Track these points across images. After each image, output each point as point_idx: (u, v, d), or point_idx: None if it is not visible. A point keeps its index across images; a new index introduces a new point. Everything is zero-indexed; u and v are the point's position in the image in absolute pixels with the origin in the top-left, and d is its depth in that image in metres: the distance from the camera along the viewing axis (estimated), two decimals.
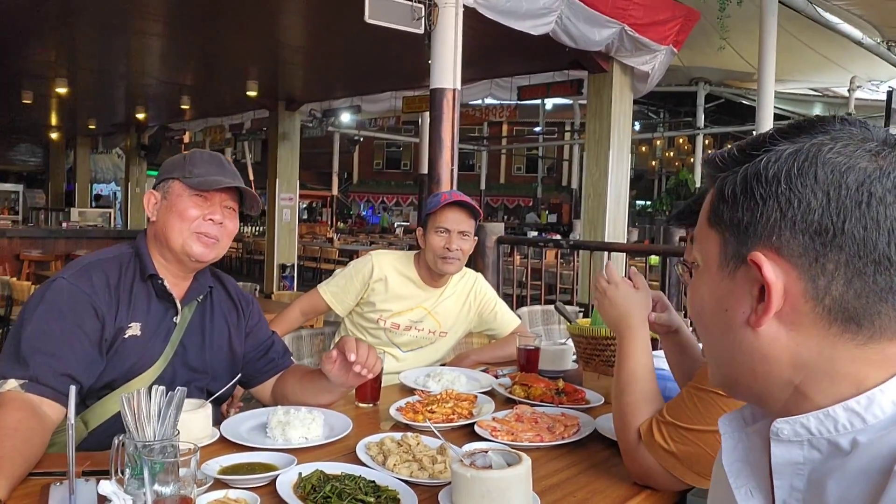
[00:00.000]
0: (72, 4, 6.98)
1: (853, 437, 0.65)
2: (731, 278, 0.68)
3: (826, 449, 0.66)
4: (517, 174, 31.93)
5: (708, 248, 0.70)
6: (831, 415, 0.65)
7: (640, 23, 6.68)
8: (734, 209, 0.68)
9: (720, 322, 0.70)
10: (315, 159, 23.65)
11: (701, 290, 0.72)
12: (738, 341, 0.69)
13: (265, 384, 1.96)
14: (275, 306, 5.04)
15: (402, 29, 4.41)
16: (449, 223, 2.49)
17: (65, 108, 13.56)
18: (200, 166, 1.76)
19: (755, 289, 0.66)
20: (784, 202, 0.64)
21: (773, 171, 0.65)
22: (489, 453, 1.25)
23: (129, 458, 1.19)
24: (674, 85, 14.77)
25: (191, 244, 1.71)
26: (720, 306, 0.70)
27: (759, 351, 0.68)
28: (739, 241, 0.67)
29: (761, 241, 0.66)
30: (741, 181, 0.67)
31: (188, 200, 1.73)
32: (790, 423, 0.67)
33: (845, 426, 0.65)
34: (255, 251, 15.13)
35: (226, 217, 1.77)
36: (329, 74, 10.27)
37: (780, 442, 0.69)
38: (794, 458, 0.68)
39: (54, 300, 1.60)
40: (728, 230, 0.68)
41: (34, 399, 1.45)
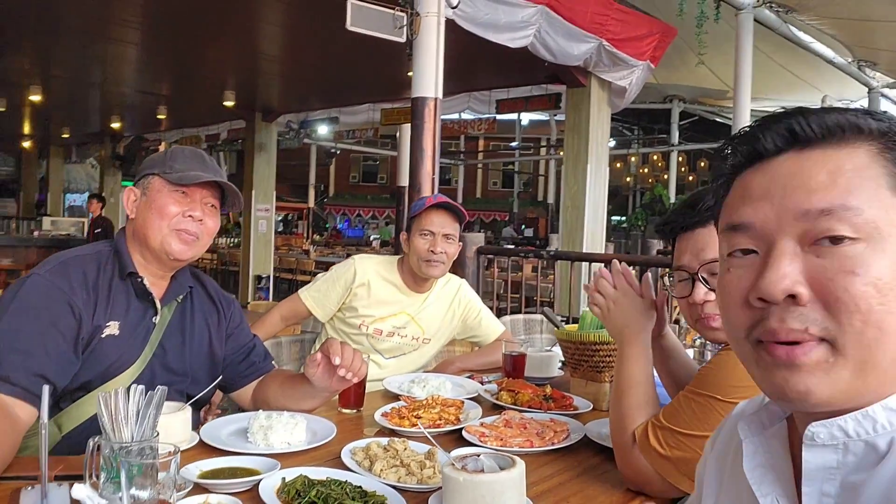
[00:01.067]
0: (48, 11, 6.86)
1: (891, 437, 0.62)
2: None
3: (862, 451, 0.63)
4: (493, 189, 32.02)
5: (893, 218, 0.61)
6: (870, 415, 0.62)
7: (618, 38, 6.74)
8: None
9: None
10: (291, 172, 23.52)
11: (882, 268, 0.60)
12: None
13: (246, 388, 1.90)
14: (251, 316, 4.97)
15: (384, 37, 4.39)
16: (433, 226, 2.45)
17: (38, 116, 13.35)
18: (181, 161, 1.71)
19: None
20: None
21: None
22: (481, 457, 1.21)
23: (104, 461, 1.13)
24: (648, 102, 14.94)
25: (170, 242, 1.66)
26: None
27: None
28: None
29: None
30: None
31: (168, 196, 1.68)
32: (827, 426, 0.64)
33: (884, 426, 0.62)
34: (230, 262, 14.94)
35: (206, 214, 1.72)
36: (307, 85, 10.23)
37: (813, 447, 0.65)
38: (827, 462, 0.65)
39: (29, 297, 1.53)
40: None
41: (6, 400, 1.39)
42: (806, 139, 0.65)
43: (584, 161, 7.53)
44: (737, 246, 0.67)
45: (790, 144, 0.66)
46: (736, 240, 0.67)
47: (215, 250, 16.45)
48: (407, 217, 2.61)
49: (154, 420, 1.19)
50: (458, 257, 5.04)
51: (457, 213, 2.50)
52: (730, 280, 0.67)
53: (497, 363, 2.34)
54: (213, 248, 17.03)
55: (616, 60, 7.00)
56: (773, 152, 0.67)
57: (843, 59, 8.77)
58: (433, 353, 2.66)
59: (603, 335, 1.94)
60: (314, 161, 22.03)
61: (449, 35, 5.04)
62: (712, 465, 0.82)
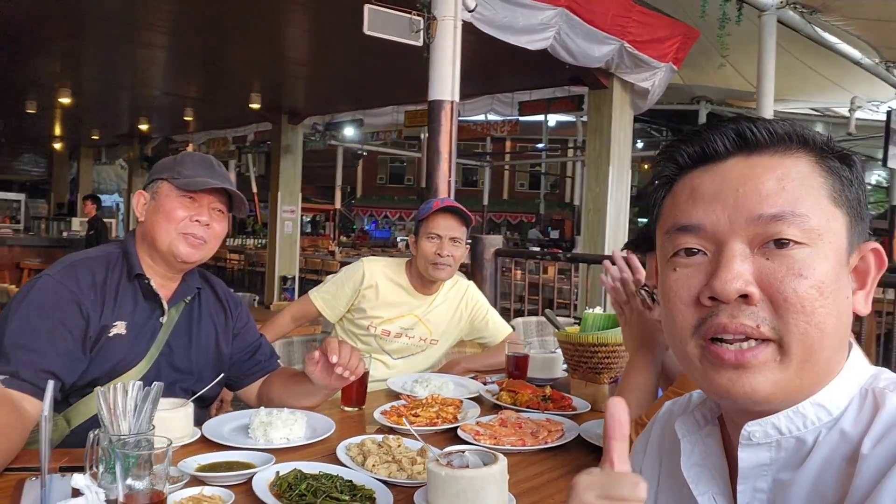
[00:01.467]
0: (79, 16, 7.03)
1: (819, 430, 0.66)
2: (847, 263, 0.67)
3: (793, 447, 0.67)
4: (520, 190, 31.99)
5: (834, 228, 0.66)
6: (801, 411, 0.66)
7: (640, 40, 6.72)
8: (854, 193, 0.67)
9: (842, 308, 0.66)
10: (319, 173, 23.71)
11: (825, 272, 0.64)
12: (846, 330, 0.67)
13: (251, 386, 1.95)
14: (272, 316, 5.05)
15: (401, 41, 4.43)
16: (440, 229, 2.49)
17: (69, 118, 13.63)
18: (189, 167, 1.77)
19: (853, 273, 0.68)
20: (863, 191, 0.68)
21: (859, 167, 0.69)
22: (466, 454, 1.24)
23: (103, 453, 1.19)
24: (676, 103, 14.82)
25: (177, 244, 1.71)
26: (843, 293, 0.66)
27: (846, 338, 0.68)
28: (860, 226, 0.68)
29: (865, 226, 0.68)
30: (851, 166, 0.68)
31: (175, 201, 1.74)
32: (761, 424, 0.67)
33: (813, 421, 0.66)
34: (257, 263, 15.14)
35: (213, 219, 1.77)
36: (332, 88, 10.33)
37: (749, 446, 0.68)
38: (761, 460, 0.68)
39: (39, 297, 1.60)
40: (851, 214, 0.67)
41: (14, 395, 1.45)
42: (755, 143, 0.68)
43: (607, 163, 7.51)
44: (682, 246, 0.69)
45: (739, 148, 0.69)
46: (683, 239, 0.69)
47: (243, 251, 16.69)
48: (416, 220, 2.65)
49: (150, 414, 1.24)
50: (476, 259, 5.09)
51: (463, 217, 2.53)
52: (676, 279, 0.69)
53: (502, 364, 2.37)
54: (241, 249, 17.29)
55: (638, 62, 6.98)
56: (722, 155, 0.69)
57: (870, 61, 8.63)
58: (441, 354, 2.69)
59: (601, 337, 1.96)
60: (341, 163, 22.18)
61: (470, 37, 5.07)
62: (650, 460, 0.85)
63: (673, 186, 0.73)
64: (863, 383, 0.68)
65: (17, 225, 14.68)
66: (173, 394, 1.73)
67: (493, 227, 29.27)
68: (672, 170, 0.73)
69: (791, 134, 0.68)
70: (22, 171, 22.26)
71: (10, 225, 14.32)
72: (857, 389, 0.67)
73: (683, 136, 0.73)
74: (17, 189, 20.11)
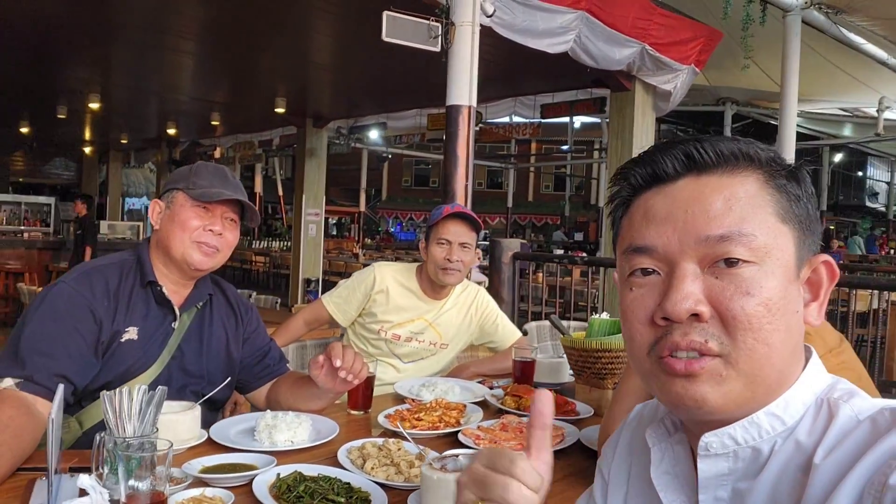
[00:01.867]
0: (109, 23, 7.18)
1: (775, 440, 0.68)
2: (798, 277, 0.69)
3: (749, 456, 0.69)
4: (545, 192, 31.89)
5: (782, 245, 0.68)
6: (755, 421, 0.68)
7: (661, 42, 6.69)
8: (802, 208, 0.70)
9: (791, 322, 0.68)
10: (344, 176, 23.89)
11: (772, 289, 0.66)
12: (797, 342, 0.70)
13: (260, 390, 2.00)
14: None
15: (419, 47, 4.47)
16: (450, 234, 2.52)
17: (98, 123, 13.90)
18: (204, 178, 1.82)
19: (806, 285, 0.71)
20: (813, 205, 0.71)
21: (808, 181, 0.71)
22: (460, 458, 1.26)
23: (108, 455, 1.23)
24: (701, 105, 14.70)
25: (191, 253, 1.76)
26: (792, 307, 0.68)
27: (798, 349, 0.70)
28: (810, 240, 0.70)
29: (816, 239, 0.71)
30: (800, 182, 0.70)
31: (190, 211, 1.78)
32: (718, 435, 0.69)
33: (768, 431, 0.68)
34: (281, 265, 15.30)
35: (226, 228, 1.82)
36: (356, 92, 10.42)
37: (707, 456, 0.70)
38: (720, 470, 0.70)
39: (54, 303, 1.66)
40: (800, 229, 0.69)
41: (28, 398, 1.51)
42: (703, 164, 0.70)
43: None
44: (637, 266, 0.72)
45: (688, 169, 0.71)
46: (637, 260, 0.72)
47: (268, 253, 16.86)
48: (427, 226, 2.68)
49: (154, 417, 1.28)
50: (494, 263, 5.11)
51: (473, 223, 2.56)
52: (633, 299, 0.72)
53: (510, 368, 2.39)
54: (266, 251, 17.47)
55: (660, 65, 6.95)
56: (672, 176, 0.72)
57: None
58: (451, 358, 2.72)
59: (605, 342, 1.97)
60: (365, 165, 22.31)
61: (491, 41, 5.10)
62: (619, 463, 0.87)
63: (629, 207, 0.75)
64: (818, 392, 0.69)
65: (47, 228, 14.98)
66: (184, 397, 1.78)
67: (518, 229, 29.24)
68: (627, 190, 0.76)
69: (738, 153, 0.70)
70: (53, 175, 22.74)
71: (40, 228, 14.61)
72: (812, 399, 0.69)
73: (636, 158, 0.75)
74: (48, 193, 20.53)
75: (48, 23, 7.14)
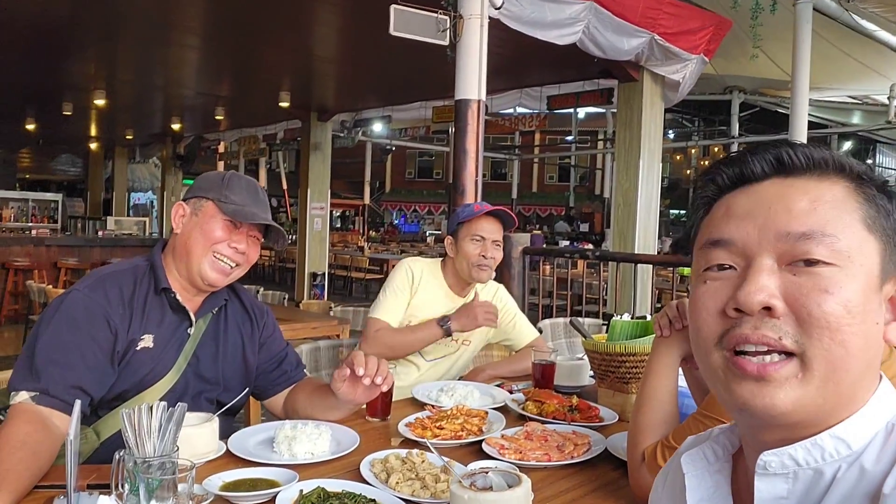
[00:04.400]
0: (112, 19, 7.14)
1: (838, 465, 0.64)
2: (881, 290, 0.66)
3: (810, 479, 0.65)
4: (550, 183, 31.80)
5: (867, 252, 0.65)
6: (818, 443, 0.65)
7: (670, 32, 6.62)
8: (892, 223, 0.67)
9: (870, 332, 0.65)
10: (347, 169, 23.83)
11: (853, 291, 0.63)
12: (875, 357, 0.66)
13: (277, 396, 1.97)
14: (302, 315, 5.08)
15: (427, 41, 4.41)
16: (485, 232, 2.52)
17: (103, 119, 13.87)
18: (238, 193, 1.76)
19: (888, 303, 0.67)
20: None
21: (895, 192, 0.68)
22: (490, 474, 1.23)
23: (128, 474, 1.20)
24: (708, 94, 14.60)
25: (207, 269, 1.72)
26: (872, 317, 0.65)
27: (874, 366, 0.67)
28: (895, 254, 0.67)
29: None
30: (891, 197, 0.68)
31: (219, 223, 1.74)
32: (778, 454, 0.66)
33: (832, 454, 0.64)
34: (287, 259, 15.28)
35: (249, 245, 1.79)
36: (360, 85, 10.36)
37: (765, 476, 0.67)
38: (778, 492, 0.67)
39: (69, 312, 1.62)
40: (887, 242, 0.66)
41: (44, 411, 1.47)
42: (792, 167, 0.69)
43: (637, 157, 7.43)
44: (714, 261, 0.69)
45: (776, 171, 0.69)
46: (715, 254, 0.70)
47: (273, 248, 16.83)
48: (452, 221, 2.66)
49: (174, 435, 1.24)
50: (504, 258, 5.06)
51: (506, 221, 2.59)
52: (706, 291, 0.70)
53: (528, 370, 2.36)
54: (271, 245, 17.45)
55: (669, 54, 6.87)
56: (760, 177, 0.70)
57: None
58: (470, 357, 2.69)
59: (629, 346, 1.93)
60: (369, 158, 22.28)
61: (497, 33, 5.03)
62: (669, 492, 0.83)
63: (711, 207, 0.73)
64: (890, 419, 0.66)
65: (55, 224, 14.98)
66: (199, 404, 1.74)
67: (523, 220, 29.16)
68: (713, 191, 0.74)
69: (829, 160, 0.68)
70: (59, 172, 22.74)
71: (47, 224, 14.61)
72: (882, 425, 0.65)
73: (725, 159, 0.73)
74: (55, 189, 20.54)
75: (53, 20, 7.10)
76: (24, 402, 1.47)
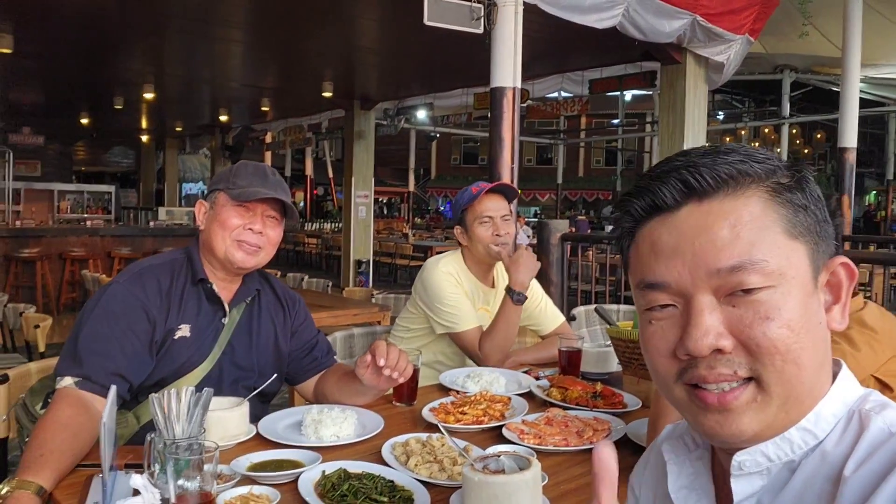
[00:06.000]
0: (158, 16, 7.34)
1: (804, 453, 0.67)
2: (816, 288, 0.68)
3: (782, 472, 0.68)
4: (596, 167, 31.46)
5: (795, 262, 0.66)
6: (787, 437, 0.67)
7: (713, 12, 6.49)
8: (811, 216, 0.68)
9: (816, 335, 0.67)
10: (392, 156, 23.98)
11: (792, 309, 0.65)
12: (825, 354, 0.68)
13: (308, 382, 2.03)
14: (344, 302, 5.17)
15: (461, 30, 4.43)
16: (491, 210, 2.50)
17: (153, 111, 14.27)
18: (244, 178, 1.84)
19: (826, 287, 0.69)
20: (821, 208, 0.69)
21: (813, 185, 0.69)
22: (502, 458, 1.26)
23: (157, 455, 1.27)
24: (757, 73, 14.25)
25: (232, 252, 1.80)
26: (814, 321, 0.67)
27: (826, 360, 0.69)
28: (824, 246, 0.69)
29: (830, 242, 0.69)
30: (804, 189, 0.68)
31: (231, 210, 1.82)
32: (751, 453, 0.68)
33: (800, 445, 0.67)
34: (333, 247, 15.50)
35: (266, 226, 1.85)
36: (402, 74, 10.42)
37: (741, 476, 0.69)
38: (754, 489, 0.69)
39: (109, 304, 1.71)
40: (812, 240, 0.68)
41: (86, 396, 1.57)
42: (703, 191, 0.68)
43: (681, 141, 7.32)
44: (654, 302, 0.70)
45: (688, 197, 0.69)
46: (653, 296, 0.70)
47: (320, 235, 17.10)
48: (455, 210, 2.62)
49: (201, 419, 1.31)
50: (543, 244, 5.07)
51: (508, 193, 2.56)
52: (653, 333, 0.71)
53: (554, 356, 2.37)
54: (318, 233, 17.72)
55: (712, 36, 6.75)
56: (673, 206, 0.69)
57: None
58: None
59: None
60: (413, 145, 22.36)
61: (537, 18, 5.01)
62: (649, 480, 0.86)
63: (635, 236, 0.73)
64: (850, 404, 0.68)
65: (109, 215, 15.46)
66: (236, 390, 1.82)
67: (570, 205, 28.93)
68: (629, 222, 0.73)
69: (736, 174, 0.67)
70: (112, 163, 23.44)
71: (102, 216, 15.10)
72: (844, 411, 0.67)
73: (633, 189, 0.73)
74: (109, 181, 21.16)
75: (100, 17, 7.33)
76: (69, 387, 1.57)
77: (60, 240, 9.33)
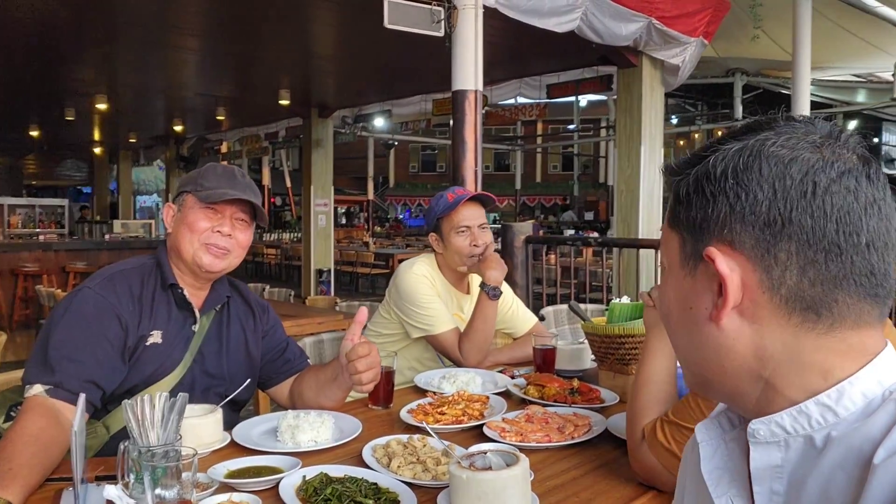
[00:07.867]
0: (111, 22, 7.17)
1: (827, 432, 0.65)
2: (691, 276, 0.70)
3: (802, 447, 0.66)
4: (553, 172, 31.74)
5: (669, 249, 0.72)
6: (804, 410, 0.65)
7: (668, 15, 6.59)
8: (688, 209, 0.69)
9: (686, 321, 0.71)
10: (350, 165, 23.86)
11: (667, 292, 0.74)
12: (705, 338, 0.70)
13: (282, 385, 2.00)
14: (307, 311, 5.10)
15: (422, 33, 4.42)
16: (469, 220, 2.47)
17: (106, 123, 13.92)
18: (212, 180, 1.80)
19: (714, 284, 0.67)
20: (732, 197, 0.66)
21: (721, 168, 0.67)
22: (488, 454, 1.25)
23: (132, 464, 1.22)
24: (710, 77, 14.54)
25: (200, 255, 1.76)
26: (685, 305, 0.71)
27: (724, 346, 0.69)
28: (696, 238, 0.69)
29: (715, 236, 0.67)
30: (693, 181, 0.69)
31: (199, 213, 1.77)
32: (765, 422, 0.67)
33: (819, 422, 0.65)
34: (293, 257, 15.33)
35: (236, 229, 1.80)
36: (359, 81, 10.35)
37: (758, 444, 0.68)
38: (773, 460, 0.68)
39: (80, 309, 1.65)
40: (685, 230, 0.70)
41: (57, 405, 1.51)
42: None
43: (638, 143, 7.41)
44: None
45: None
46: None
47: (279, 245, 16.90)
48: (430, 217, 2.57)
49: (177, 425, 1.27)
50: (507, 247, 5.07)
51: (484, 201, 2.54)
52: None
53: (529, 356, 2.37)
54: (277, 243, 17.52)
55: (667, 38, 6.85)
56: None
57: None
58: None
59: (628, 328, 1.94)
60: (372, 153, 22.28)
61: (495, 23, 5.02)
62: (688, 472, 0.84)
63: None
64: (888, 387, 0.65)
65: (62, 229, 15.05)
66: (208, 398, 1.77)
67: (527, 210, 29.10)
68: None
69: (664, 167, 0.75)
70: (65, 177, 22.84)
71: (55, 230, 14.69)
72: (878, 392, 0.65)
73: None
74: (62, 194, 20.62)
75: (51, 24, 7.12)
76: (39, 395, 1.51)
77: (12, 255, 9.06)
